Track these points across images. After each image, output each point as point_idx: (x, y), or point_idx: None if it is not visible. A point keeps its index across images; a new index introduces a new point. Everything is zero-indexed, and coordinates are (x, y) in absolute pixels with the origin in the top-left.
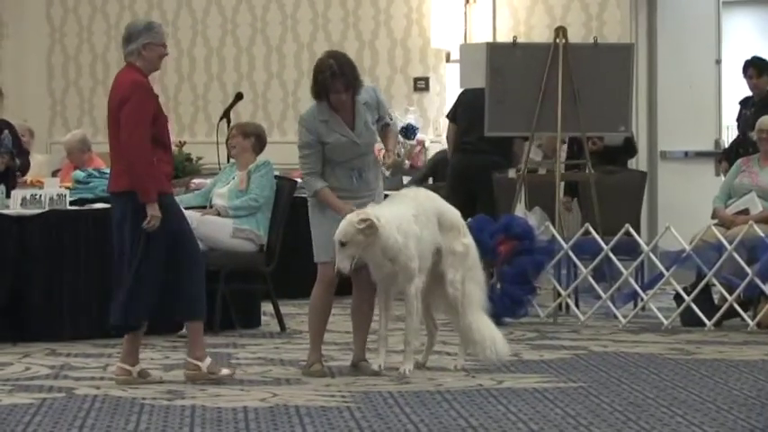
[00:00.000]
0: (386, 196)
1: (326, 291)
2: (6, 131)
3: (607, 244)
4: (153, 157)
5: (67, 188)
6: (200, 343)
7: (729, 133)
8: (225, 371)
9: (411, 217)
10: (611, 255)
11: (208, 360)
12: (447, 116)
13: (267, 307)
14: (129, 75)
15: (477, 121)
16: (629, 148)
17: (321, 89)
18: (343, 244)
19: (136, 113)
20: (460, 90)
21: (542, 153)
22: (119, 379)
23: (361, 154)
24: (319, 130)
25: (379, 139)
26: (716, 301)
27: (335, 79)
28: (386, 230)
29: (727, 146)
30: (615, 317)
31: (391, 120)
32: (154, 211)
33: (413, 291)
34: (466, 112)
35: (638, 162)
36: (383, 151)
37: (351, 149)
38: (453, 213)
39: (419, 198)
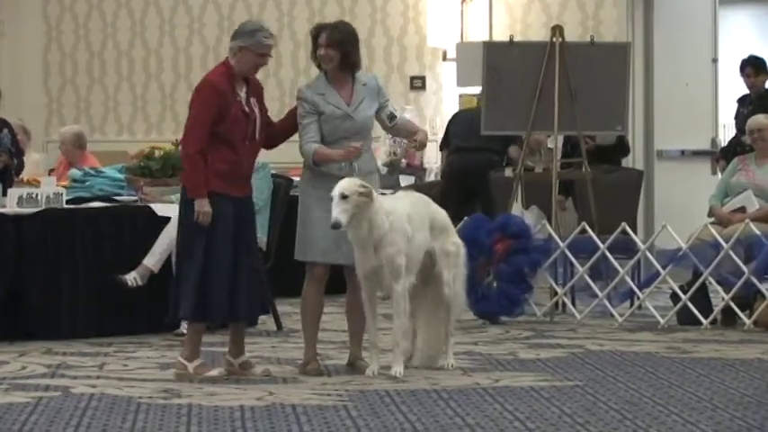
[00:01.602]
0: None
1: (317, 289)
2: (6, 130)
3: (603, 242)
4: (208, 154)
5: (64, 187)
6: (195, 344)
7: (726, 132)
8: (213, 372)
9: (404, 215)
10: (608, 253)
11: (197, 361)
12: (440, 147)
13: None
14: (213, 72)
15: (474, 130)
16: (621, 147)
17: (314, 42)
18: (344, 197)
19: (196, 111)
20: (451, 116)
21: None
22: (225, 369)
23: (355, 133)
24: (315, 100)
25: (379, 128)
26: (716, 303)
27: (323, 31)
28: (377, 204)
29: (724, 144)
30: (611, 315)
31: (396, 116)
32: (200, 207)
33: (400, 290)
34: (462, 128)
35: (635, 161)
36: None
37: (344, 124)
38: (443, 215)
39: (413, 201)
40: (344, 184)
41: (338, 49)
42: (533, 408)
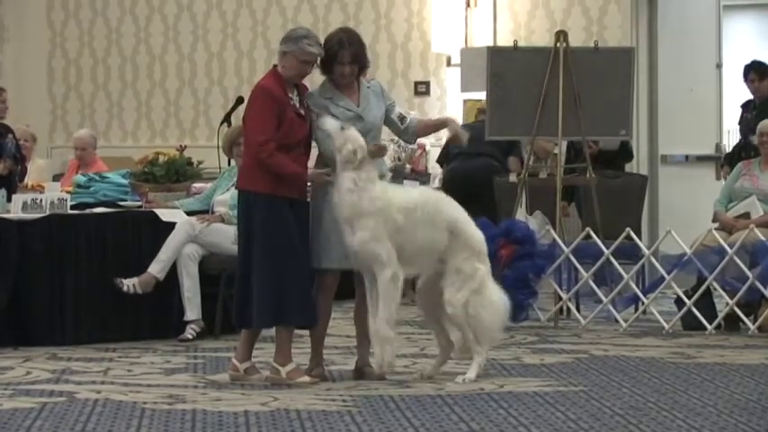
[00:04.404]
0: None
1: (325, 297)
2: (10, 135)
3: (608, 248)
4: None
5: (68, 192)
6: (285, 349)
7: (730, 137)
8: (305, 378)
9: (401, 207)
10: (612, 258)
11: (290, 366)
12: (438, 161)
13: None
14: (264, 79)
15: (474, 138)
16: (624, 152)
17: (328, 59)
18: (343, 127)
19: (255, 117)
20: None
21: (534, 156)
22: (230, 374)
23: (365, 133)
24: (325, 104)
25: (395, 134)
26: (720, 309)
27: (343, 49)
28: (360, 173)
29: (729, 150)
30: (616, 321)
31: (406, 117)
32: (314, 178)
33: (386, 276)
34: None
35: (639, 166)
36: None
37: (356, 125)
38: (474, 235)
39: (431, 198)
40: (354, 134)
41: (357, 63)
42: (538, 413)
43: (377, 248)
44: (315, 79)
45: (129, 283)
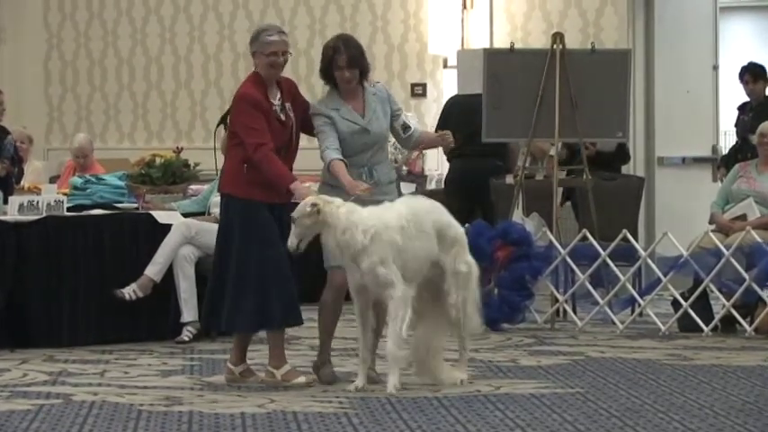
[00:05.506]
0: None
1: (336, 295)
2: (9, 137)
3: (605, 250)
4: (243, 163)
5: (65, 194)
6: (278, 351)
7: (727, 139)
8: (301, 379)
9: (396, 227)
10: (609, 260)
11: (285, 368)
12: (436, 131)
13: None
14: (243, 86)
15: (474, 129)
16: (621, 154)
17: (327, 67)
18: (293, 220)
19: (246, 128)
20: (445, 101)
21: (530, 157)
22: (226, 377)
23: (372, 144)
24: (331, 114)
25: (395, 139)
26: (717, 311)
27: (339, 54)
28: (336, 220)
29: (725, 152)
30: (613, 322)
31: (410, 127)
32: (296, 190)
33: (397, 294)
34: (459, 124)
35: (636, 168)
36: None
37: (361, 138)
38: (457, 230)
39: (416, 208)
40: (297, 208)
41: (357, 66)
42: (534, 415)
43: (383, 270)
44: (312, 80)
45: (129, 291)
